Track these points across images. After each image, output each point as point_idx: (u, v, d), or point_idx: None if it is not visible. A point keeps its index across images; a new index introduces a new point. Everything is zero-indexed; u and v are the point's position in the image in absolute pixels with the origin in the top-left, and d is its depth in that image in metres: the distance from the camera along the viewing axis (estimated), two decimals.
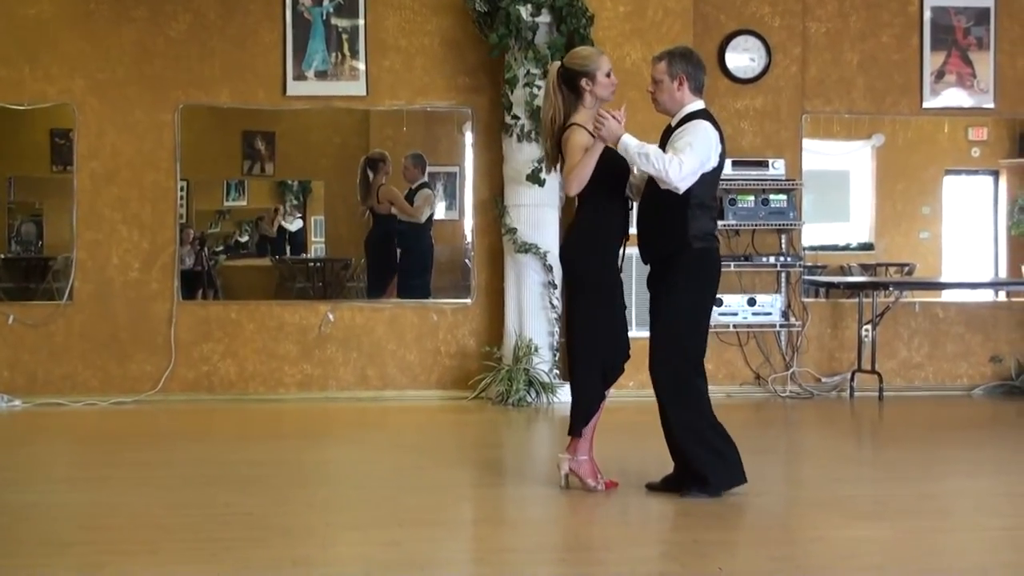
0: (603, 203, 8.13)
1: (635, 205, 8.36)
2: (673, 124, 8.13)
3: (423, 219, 13.81)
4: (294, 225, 14.32)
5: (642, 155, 7.81)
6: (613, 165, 8.04)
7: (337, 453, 9.98)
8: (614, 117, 7.93)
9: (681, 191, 7.83)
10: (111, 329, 12.95)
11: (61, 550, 6.84)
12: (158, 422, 11.90)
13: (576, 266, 8.22)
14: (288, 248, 14.47)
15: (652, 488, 8.23)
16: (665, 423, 8.16)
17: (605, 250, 8.18)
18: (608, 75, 8.18)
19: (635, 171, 8.18)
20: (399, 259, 13.94)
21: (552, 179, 12.67)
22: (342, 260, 14.21)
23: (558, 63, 8.27)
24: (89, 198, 12.96)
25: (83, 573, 6.38)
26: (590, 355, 8.27)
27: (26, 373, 12.85)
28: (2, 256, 13.63)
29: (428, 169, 13.82)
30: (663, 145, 8.02)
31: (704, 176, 7.95)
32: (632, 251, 8.33)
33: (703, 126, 7.98)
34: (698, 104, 8.13)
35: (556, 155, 8.18)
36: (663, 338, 8.10)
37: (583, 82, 8.10)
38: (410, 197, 13.75)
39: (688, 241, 8.00)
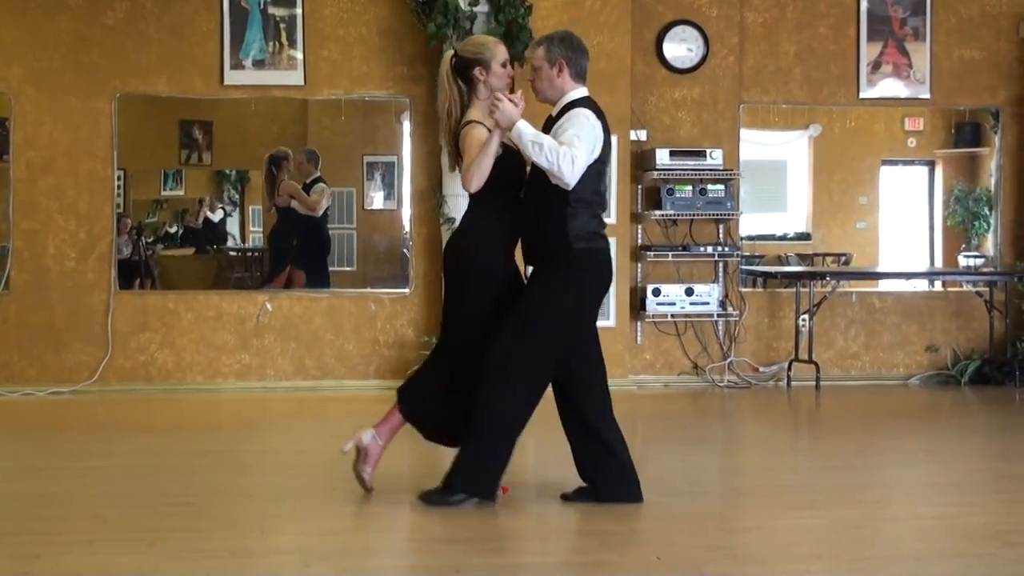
0: (500, 204, 7.59)
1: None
2: (554, 114, 7.59)
3: (320, 212, 13.78)
4: (216, 215, 14.24)
5: (536, 144, 7.23)
6: (509, 159, 7.48)
7: (275, 443, 9.95)
8: (511, 100, 7.40)
9: (572, 185, 7.29)
10: (48, 319, 12.87)
11: None
12: (95, 412, 11.84)
13: (461, 266, 7.68)
14: (211, 238, 14.40)
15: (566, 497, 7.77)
16: (476, 397, 7.44)
17: (496, 252, 7.62)
18: (504, 65, 7.66)
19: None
20: (297, 250, 13.91)
21: None
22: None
23: (451, 51, 7.78)
24: (25, 187, 12.87)
25: (18, 563, 6.32)
26: (467, 363, 7.58)
27: None
28: None
29: (366, 159, 13.78)
30: None
31: (587, 170, 7.39)
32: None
33: (585, 115, 7.44)
34: (581, 91, 7.59)
35: (455, 152, 7.65)
36: (522, 327, 7.40)
37: (477, 71, 7.60)
38: (306, 191, 13.75)
39: (568, 241, 7.41)
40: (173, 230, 14.23)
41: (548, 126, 7.58)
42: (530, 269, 7.76)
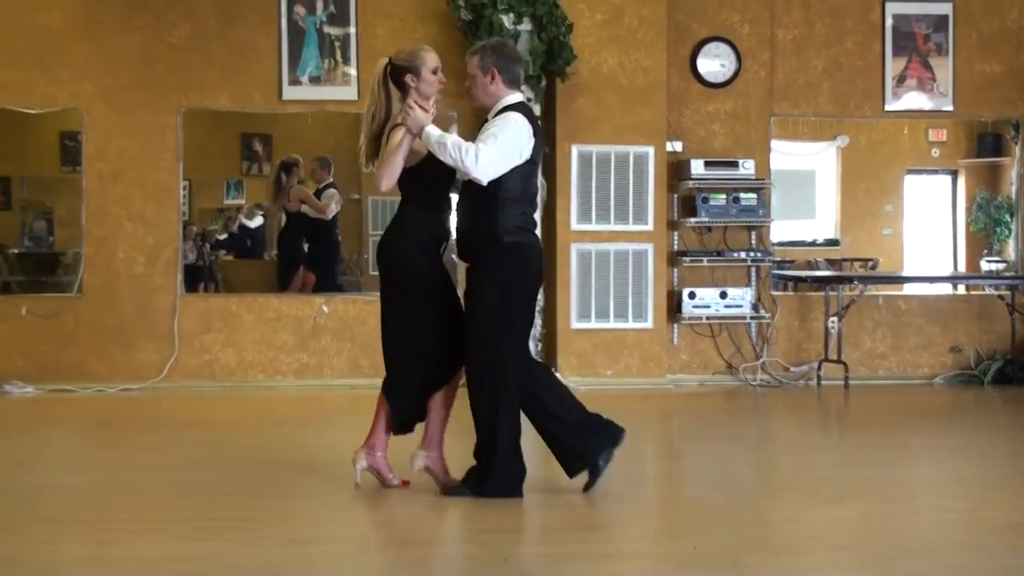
0: (429, 204, 7.60)
1: None
2: (489, 118, 7.59)
3: (330, 216, 13.81)
4: (254, 222, 14.32)
5: (440, 144, 7.28)
6: (440, 163, 7.40)
7: (331, 438, 9.97)
8: (422, 107, 7.44)
9: (483, 181, 7.28)
10: (118, 320, 12.95)
11: (71, 528, 6.85)
12: (162, 408, 11.90)
13: (389, 263, 7.63)
14: (249, 243, 14.47)
15: (450, 491, 7.55)
16: (476, 417, 7.50)
17: (428, 249, 7.58)
18: (435, 71, 7.65)
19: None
20: (308, 253, 13.94)
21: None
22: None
23: (386, 60, 7.74)
24: (97, 197, 12.95)
25: (92, 549, 6.39)
26: (404, 363, 7.69)
27: (38, 361, 12.83)
28: (15, 251, 13.65)
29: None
30: None
31: (516, 169, 7.41)
32: None
33: (512, 118, 7.45)
34: (514, 97, 7.60)
35: (372, 151, 7.62)
36: (478, 329, 7.41)
37: (408, 78, 7.58)
38: (318, 196, 13.78)
39: (498, 235, 7.39)
40: (223, 237, 14.33)
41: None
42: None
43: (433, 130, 7.37)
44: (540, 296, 12.76)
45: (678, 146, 13.40)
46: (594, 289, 13.05)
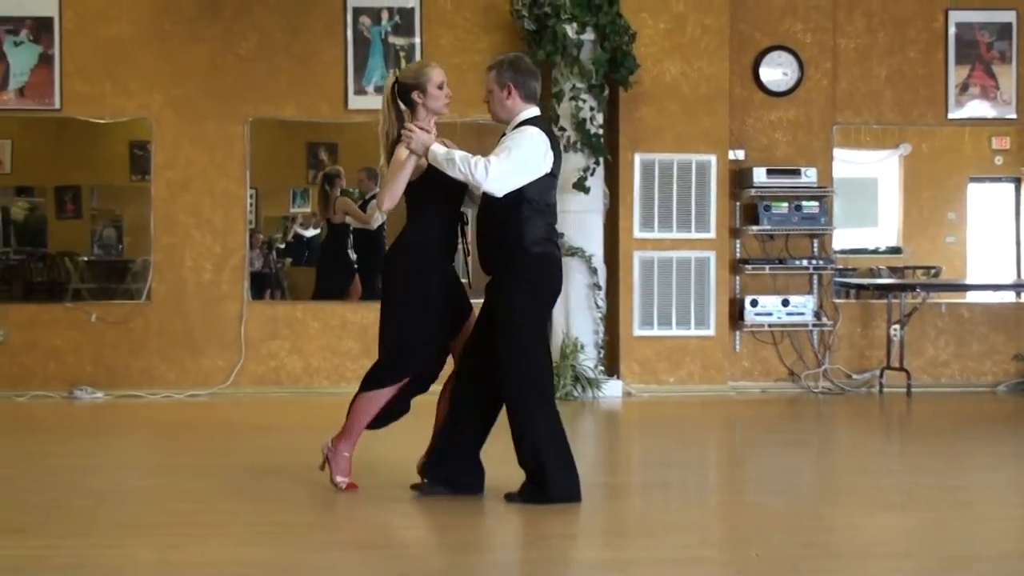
0: (435, 220, 7.61)
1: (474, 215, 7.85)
2: (507, 132, 7.61)
3: (375, 226, 13.80)
4: (309, 231, 14.35)
5: (448, 160, 7.29)
6: (442, 178, 7.41)
7: (394, 443, 9.97)
8: (423, 128, 7.45)
9: (498, 194, 7.30)
10: (186, 327, 13.02)
11: (139, 531, 6.89)
12: (229, 413, 11.95)
13: (393, 277, 7.69)
14: (306, 253, 14.50)
15: (510, 498, 7.52)
16: (519, 429, 7.41)
17: (427, 266, 7.58)
18: (440, 87, 7.65)
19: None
20: (356, 262, 13.93)
21: (597, 186, 12.71)
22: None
23: (393, 78, 7.75)
24: (165, 205, 13.03)
25: (157, 553, 6.41)
26: (389, 366, 7.71)
27: (107, 367, 12.92)
28: (85, 259, 13.74)
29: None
30: None
31: (536, 182, 7.42)
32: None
33: (529, 132, 7.46)
34: (531, 111, 7.60)
35: None
36: (511, 342, 7.42)
37: (415, 95, 7.61)
38: (364, 206, 13.78)
39: (526, 246, 7.44)
40: (282, 246, 14.38)
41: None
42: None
43: (439, 148, 7.38)
44: (601, 303, 12.81)
45: (740, 154, 13.35)
46: (656, 296, 13.02)
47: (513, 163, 7.33)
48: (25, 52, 12.87)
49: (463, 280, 7.91)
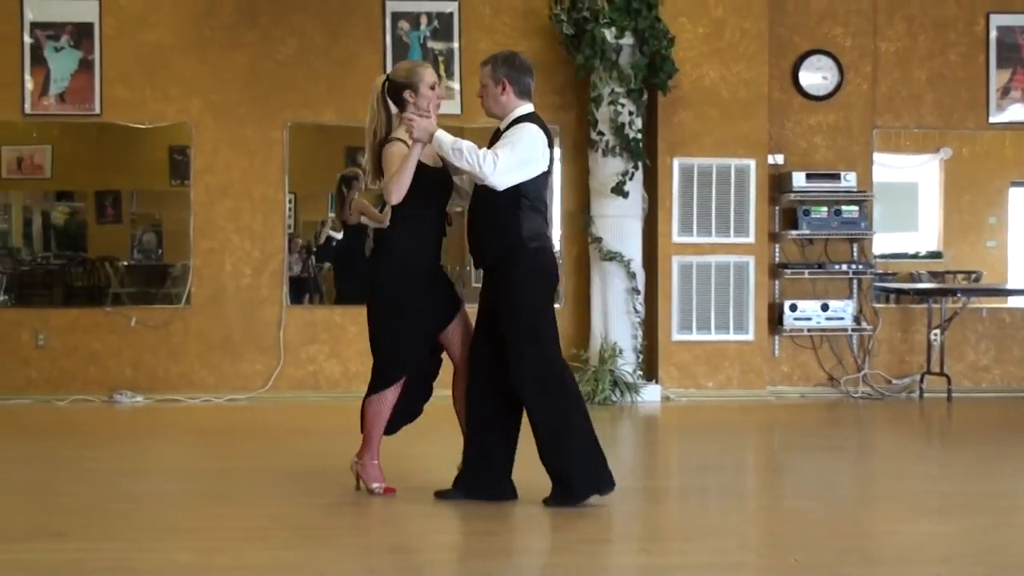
0: (421, 219, 7.66)
1: (465, 209, 7.86)
2: (501, 128, 7.63)
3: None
4: (339, 235, 14.36)
5: (456, 150, 7.31)
6: (431, 176, 7.56)
7: (434, 447, 9.99)
8: (424, 115, 7.50)
9: (499, 188, 7.35)
10: (225, 331, 13.07)
11: (177, 535, 6.91)
12: (267, 418, 11.99)
13: (379, 279, 7.73)
14: (336, 256, 14.50)
15: (442, 496, 7.67)
16: (541, 429, 7.48)
17: (413, 264, 7.66)
18: (432, 87, 7.71)
19: (463, 175, 7.74)
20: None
21: (635, 191, 12.70)
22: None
23: (383, 77, 7.85)
24: (205, 210, 13.09)
25: (198, 557, 6.43)
26: (384, 367, 7.79)
27: (147, 371, 12.99)
28: (125, 263, 13.80)
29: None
30: None
31: (535, 179, 7.51)
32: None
33: (529, 129, 7.51)
34: (525, 108, 7.63)
35: (376, 168, 7.76)
36: (521, 340, 7.47)
37: (406, 94, 7.66)
38: (384, 208, 13.74)
39: (523, 241, 7.48)
40: (314, 250, 14.39)
41: (494, 141, 7.61)
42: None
43: (445, 136, 7.40)
44: (640, 307, 12.80)
45: (780, 159, 13.33)
46: (695, 301, 13.01)
47: (517, 158, 7.38)
48: (66, 58, 12.95)
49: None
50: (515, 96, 7.62)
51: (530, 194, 7.50)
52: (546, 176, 7.67)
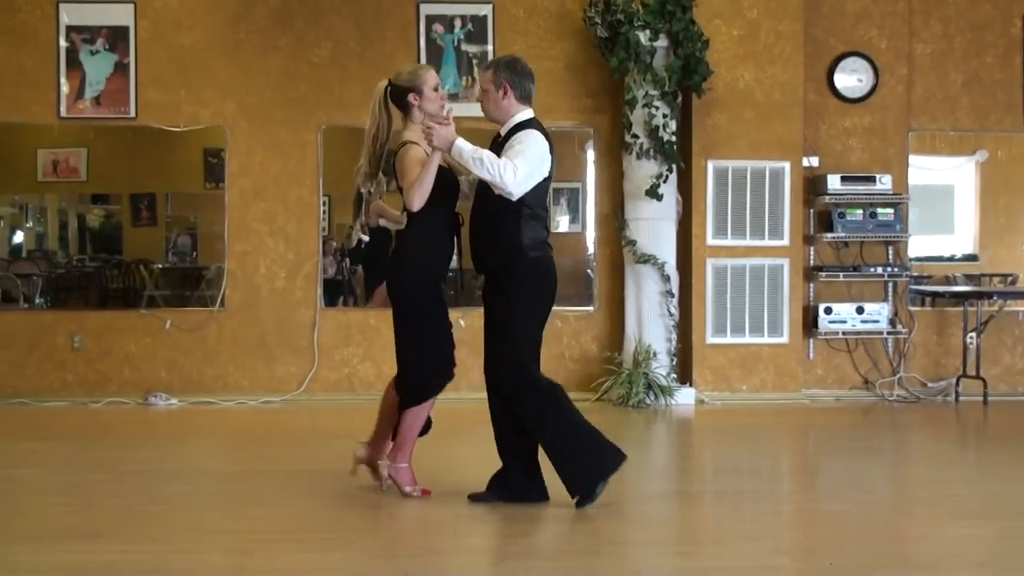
0: (434, 222, 7.65)
1: (465, 209, 7.88)
2: (503, 133, 7.64)
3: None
4: (367, 237, 14.35)
5: (476, 160, 7.31)
6: (443, 177, 7.56)
7: (467, 449, 10.01)
8: (444, 122, 7.48)
9: (515, 197, 7.38)
10: (259, 333, 13.11)
11: (213, 537, 6.93)
12: (302, 420, 12.00)
13: (400, 283, 7.77)
14: (368, 258, 14.50)
15: (475, 498, 7.70)
16: (534, 433, 7.57)
17: (433, 266, 7.75)
18: (436, 89, 7.77)
19: (462, 176, 7.77)
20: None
21: (669, 194, 12.68)
22: (472, 270, 14.19)
23: (385, 81, 7.91)
24: (239, 213, 13.14)
25: (232, 559, 6.45)
26: (412, 370, 7.83)
27: (182, 374, 13.04)
28: (160, 266, 13.84)
29: (552, 185, 13.81)
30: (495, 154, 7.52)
31: (536, 186, 7.52)
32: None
33: (535, 136, 7.53)
34: (526, 113, 7.67)
35: (375, 171, 7.85)
36: (505, 345, 7.55)
37: (411, 97, 7.75)
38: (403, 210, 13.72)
39: (523, 250, 7.51)
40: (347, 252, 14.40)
41: (495, 145, 7.62)
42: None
43: (465, 145, 7.39)
44: (674, 310, 12.77)
45: (814, 161, 13.29)
46: (729, 304, 12.99)
47: (530, 166, 7.40)
48: (101, 61, 13.01)
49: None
50: (516, 101, 7.64)
51: (532, 202, 7.51)
52: (547, 183, 7.66)
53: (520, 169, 7.32)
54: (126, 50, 13.01)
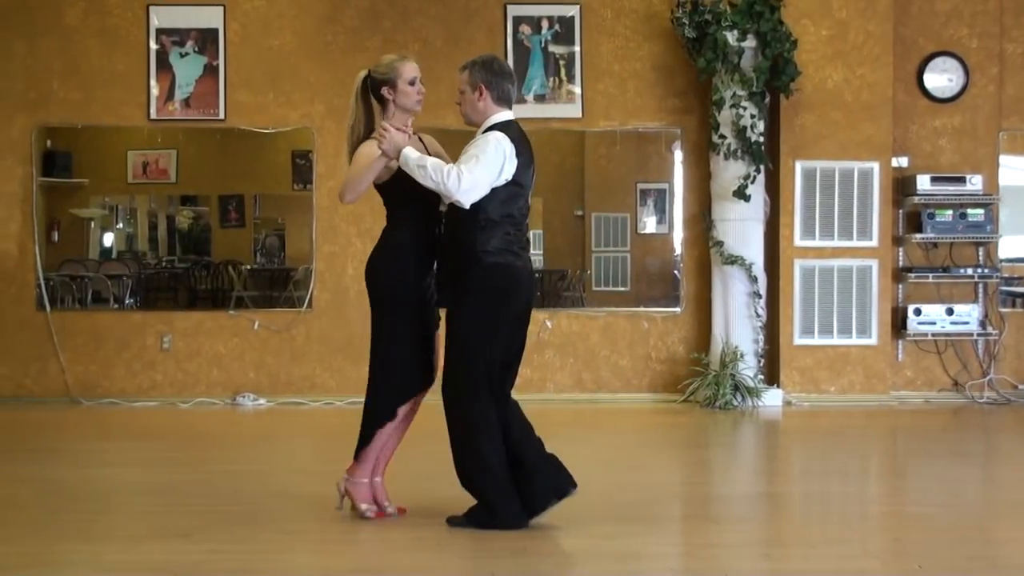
0: (410, 220, 7.29)
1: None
2: (476, 137, 7.29)
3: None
4: None
5: (420, 167, 6.96)
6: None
7: (555, 450, 10.02)
8: (400, 129, 7.19)
9: (466, 205, 6.96)
10: (346, 334, 13.18)
11: (300, 537, 6.99)
12: None
13: (375, 282, 7.42)
14: None
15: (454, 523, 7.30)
16: (453, 449, 7.46)
17: (408, 268, 7.28)
18: (412, 83, 7.45)
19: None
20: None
21: (757, 194, 12.64)
22: (559, 271, 14.23)
23: (365, 72, 7.55)
24: (327, 214, 13.22)
25: (319, 559, 6.51)
26: (380, 377, 7.64)
27: (270, 374, 13.15)
28: (248, 267, 13.97)
29: (639, 186, 13.84)
30: None
31: (497, 191, 7.05)
32: None
33: (494, 138, 7.09)
34: (503, 115, 7.28)
35: None
36: (454, 356, 7.25)
37: (385, 91, 7.41)
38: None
39: (478, 256, 7.03)
40: None
41: None
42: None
43: (411, 152, 7.09)
44: (762, 311, 12.70)
45: (904, 162, 13.21)
46: (817, 305, 12.92)
47: (482, 171, 7.01)
48: (191, 63, 13.14)
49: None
50: (493, 102, 7.30)
51: (491, 208, 7.08)
52: (517, 188, 7.20)
53: (466, 175, 6.95)
54: (215, 52, 13.14)
